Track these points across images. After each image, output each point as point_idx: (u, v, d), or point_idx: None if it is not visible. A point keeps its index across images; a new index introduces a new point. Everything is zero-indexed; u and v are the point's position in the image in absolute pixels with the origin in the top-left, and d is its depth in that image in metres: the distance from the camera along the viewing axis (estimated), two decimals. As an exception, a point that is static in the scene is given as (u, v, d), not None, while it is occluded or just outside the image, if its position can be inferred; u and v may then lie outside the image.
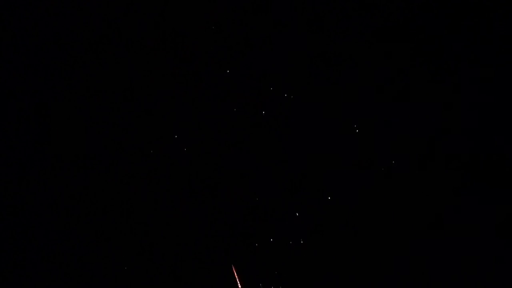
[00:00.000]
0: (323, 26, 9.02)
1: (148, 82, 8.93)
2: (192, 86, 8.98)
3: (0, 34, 8.74)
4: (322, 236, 8.67)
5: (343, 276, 8.56)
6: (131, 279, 8.48)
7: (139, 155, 8.83)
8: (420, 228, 8.64)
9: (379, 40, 8.99)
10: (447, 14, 8.99)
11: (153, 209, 8.70)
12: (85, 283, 8.41)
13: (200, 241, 8.58)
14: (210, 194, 8.70)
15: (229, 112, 8.84)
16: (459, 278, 8.57)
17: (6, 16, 8.73)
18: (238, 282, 8.24)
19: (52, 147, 8.70)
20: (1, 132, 8.63)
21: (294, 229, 8.60)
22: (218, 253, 8.50)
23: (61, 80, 8.80)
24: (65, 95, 8.79)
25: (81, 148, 8.73)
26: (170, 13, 8.98)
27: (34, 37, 8.76)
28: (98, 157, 8.74)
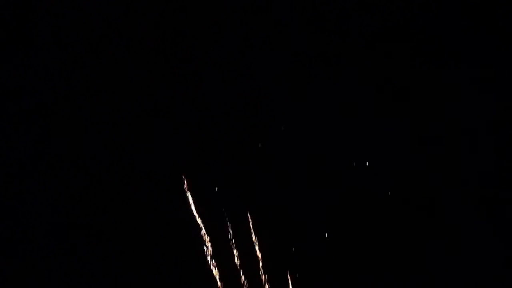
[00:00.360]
0: (323, 26, 9.04)
1: (146, 82, 8.95)
2: (191, 87, 9.00)
3: (0, 34, 8.75)
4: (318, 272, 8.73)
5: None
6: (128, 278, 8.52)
7: (137, 155, 8.85)
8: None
9: (379, 40, 9.00)
10: (447, 14, 9.00)
11: (153, 209, 8.72)
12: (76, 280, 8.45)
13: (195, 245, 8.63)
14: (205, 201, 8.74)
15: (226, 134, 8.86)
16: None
17: (6, 16, 8.74)
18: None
19: (48, 146, 8.71)
20: (1, 132, 8.64)
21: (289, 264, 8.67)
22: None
23: (61, 80, 8.80)
24: (65, 95, 8.80)
25: (76, 148, 8.74)
26: (170, 13, 9.00)
27: (34, 37, 8.77)
28: (94, 157, 8.76)
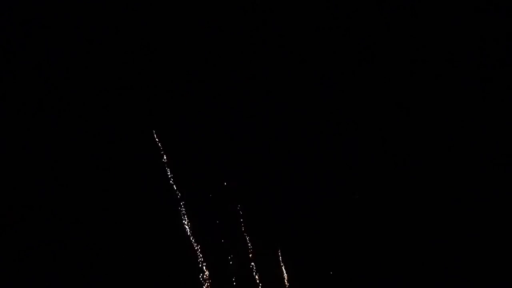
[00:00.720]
0: (323, 26, 9.04)
1: (146, 82, 8.96)
2: (191, 88, 9.02)
3: (1, 34, 8.74)
4: None
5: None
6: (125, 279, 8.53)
7: (137, 156, 8.85)
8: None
9: (379, 40, 9.01)
10: (447, 14, 9.01)
11: (152, 210, 8.73)
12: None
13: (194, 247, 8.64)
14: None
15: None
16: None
17: (6, 16, 8.73)
18: None
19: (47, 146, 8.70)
20: (1, 132, 8.64)
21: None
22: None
23: (61, 80, 8.80)
24: (65, 95, 8.79)
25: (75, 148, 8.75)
26: (170, 13, 9.00)
27: (34, 37, 8.76)
28: (92, 157, 8.76)
